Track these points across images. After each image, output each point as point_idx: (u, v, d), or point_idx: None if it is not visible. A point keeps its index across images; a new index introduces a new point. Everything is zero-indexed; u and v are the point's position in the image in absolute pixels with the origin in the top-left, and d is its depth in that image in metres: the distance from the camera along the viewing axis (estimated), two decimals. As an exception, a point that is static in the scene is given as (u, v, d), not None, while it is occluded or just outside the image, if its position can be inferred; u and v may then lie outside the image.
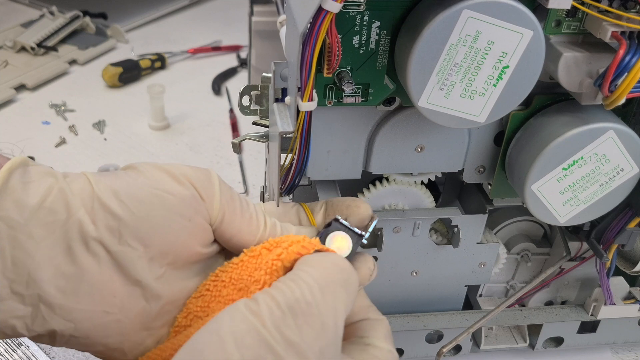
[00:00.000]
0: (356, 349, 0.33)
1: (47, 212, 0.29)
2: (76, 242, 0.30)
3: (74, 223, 0.30)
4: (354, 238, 0.35)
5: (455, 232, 0.46)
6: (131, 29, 1.13)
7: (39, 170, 0.31)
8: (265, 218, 0.35)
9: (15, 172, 0.30)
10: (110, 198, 0.31)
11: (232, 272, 0.34)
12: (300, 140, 0.37)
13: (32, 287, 0.29)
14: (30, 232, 0.29)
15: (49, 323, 0.30)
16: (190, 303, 0.34)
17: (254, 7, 0.77)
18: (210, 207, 0.33)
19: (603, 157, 0.38)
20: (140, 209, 0.31)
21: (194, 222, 0.33)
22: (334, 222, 0.35)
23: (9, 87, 0.90)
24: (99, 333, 0.32)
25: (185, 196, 0.32)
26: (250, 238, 0.35)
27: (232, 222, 0.34)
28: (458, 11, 0.32)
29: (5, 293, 0.29)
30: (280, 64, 0.39)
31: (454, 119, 0.36)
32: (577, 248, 0.48)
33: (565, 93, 0.39)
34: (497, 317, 0.49)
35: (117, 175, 0.32)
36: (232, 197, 0.34)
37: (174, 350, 0.31)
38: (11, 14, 1.13)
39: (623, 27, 0.33)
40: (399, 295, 0.49)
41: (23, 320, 0.30)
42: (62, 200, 0.30)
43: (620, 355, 0.55)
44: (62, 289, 0.30)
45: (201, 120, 0.88)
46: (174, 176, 0.33)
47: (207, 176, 0.34)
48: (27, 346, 0.53)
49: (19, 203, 0.29)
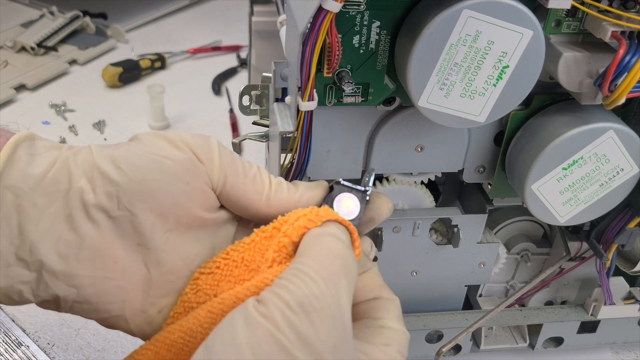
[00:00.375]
0: (372, 333, 0.33)
1: (51, 182, 0.30)
2: (77, 210, 0.31)
3: (75, 192, 0.31)
4: (358, 195, 0.35)
5: (455, 232, 0.46)
6: (131, 29, 1.13)
7: (45, 144, 0.32)
8: (269, 176, 0.35)
9: (22, 145, 0.31)
10: (109, 165, 0.32)
11: (245, 252, 0.33)
12: (300, 140, 0.37)
13: (35, 254, 0.30)
14: (34, 201, 0.30)
15: (52, 289, 0.31)
16: (200, 279, 0.34)
17: (254, 7, 0.77)
18: (210, 171, 0.33)
19: (603, 157, 0.39)
20: (137, 174, 0.32)
21: (192, 186, 0.33)
22: (336, 185, 0.35)
23: (9, 87, 0.90)
24: (101, 299, 0.32)
25: (182, 159, 0.33)
26: (257, 197, 0.34)
27: (236, 183, 0.34)
28: (458, 11, 0.32)
29: (11, 259, 0.30)
30: (280, 64, 0.39)
31: (454, 119, 0.36)
32: (577, 248, 0.48)
33: (565, 93, 0.39)
34: (497, 317, 0.49)
35: (119, 145, 0.33)
36: (234, 160, 0.34)
37: (182, 332, 0.32)
38: (11, 14, 1.13)
39: (623, 27, 0.33)
40: (399, 295, 0.49)
41: (29, 286, 0.31)
42: (65, 170, 0.31)
43: (620, 355, 0.55)
44: (64, 255, 0.31)
45: (201, 120, 0.88)
46: (172, 142, 0.33)
47: (206, 141, 0.34)
48: (27, 346, 0.53)
49: (25, 173, 0.30)
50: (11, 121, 0.84)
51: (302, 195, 0.35)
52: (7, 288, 0.31)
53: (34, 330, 0.54)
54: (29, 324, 0.55)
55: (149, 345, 0.32)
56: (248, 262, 0.33)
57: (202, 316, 0.31)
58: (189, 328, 0.31)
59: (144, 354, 0.32)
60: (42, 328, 0.54)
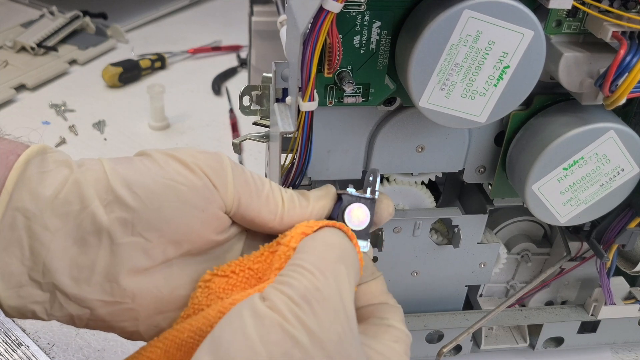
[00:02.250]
0: (379, 331, 0.33)
1: (62, 203, 0.30)
2: (89, 234, 0.30)
3: (88, 214, 0.30)
4: (367, 204, 0.35)
5: (455, 232, 0.46)
6: (131, 29, 1.13)
7: (56, 157, 0.31)
8: (281, 193, 0.35)
9: (33, 162, 0.30)
10: (124, 190, 0.31)
11: (257, 263, 0.34)
12: (301, 141, 0.37)
13: (48, 276, 0.30)
14: (45, 223, 0.30)
15: (66, 309, 0.31)
16: (212, 282, 0.34)
17: (254, 7, 0.77)
18: (224, 195, 0.33)
19: (603, 157, 0.38)
20: (153, 201, 0.31)
21: (207, 213, 0.33)
22: (344, 196, 0.35)
23: (9, 87, 0.90)
24: (114, 318, 0.32)
25: (198, 186, 0.32)
26: (270, 217, 0.34)
27: (250, 205, 0.34)
28: (459, 11, 0.32)
29: (24, 280, 0.30)
30: (280, 64, 0.39)
31: (455, 119, 0.36)
32: (578, 248, 0.48)
33: (566, 93, 0.39)
34: (497, 317, 0.49)
35: (131, 163, 0.32)
36: (247, 180, 0.34)
37: (192, 332, 0.32)
38: (11, 14, 1.13)
39: (624, 27, 0.33)
40: (399, 295, 0.49)
41: (42, 306, 0.31)
42: (76, 191, 0.30)
43: (620, 355, 0.55)
44: (76, 278, 0.31)
45: (201, 120, 0.88)
46: (186, 165, 0.33)
47: (220, 162, 0.34)
48: (27, 346, 0.53)
49: (35, 194, 0.30)
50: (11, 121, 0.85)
51: (313, 209, 0.35)
52: (21, 307, 0.30)
53: (34, 330, 0.54)
54: (29, 324, 0.55)
55: (158, 342, 0.32)
56: (259, 273, 0.34)
57: (212, 316, 0.31)
58: (198, 327, 0.31)
59: (152, 351, 0.32)
60: (42, 328, 0.54)
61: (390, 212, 0.37)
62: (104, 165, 0.32)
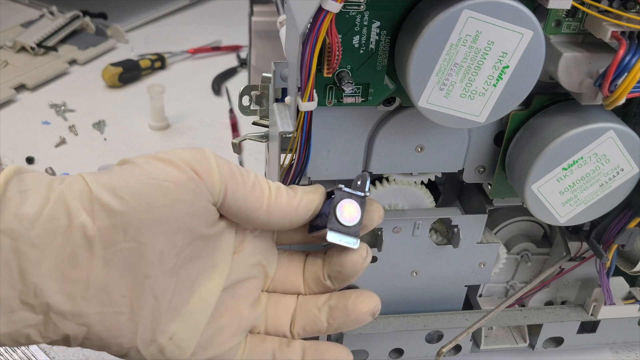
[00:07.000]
0: None
1: (47, 219, 0.29)
2: (80, 247, 0.30)
3: (76, 227, 0.30)
4: (358, 201, 0.36)
5: (455, 232, 0.46)
6: (131, 29, 1.12)
7: (33, 176, 0.31)
8: (268, 183, 0.35)
9: (11, 182, 0.29)
10: (109, 196, 0.30)
11: None
12: (300, 141, 0.37)
13: (40, 297, 0.29)
14: (32, 242, 0.29)
15: (61, 329, 0.30)
16: None
17: (254, 7, 0.77)
18: (210, 185, 0.33)
19: (603, 157, 0.38)
20: (141, 202, 0.31)
21: (196, 206, 0.32)
22: (337, 191, 0.35)
23: (9, 87, 0.90)
24: (112, 334, 0.32)
25: (183, 181, 0.32)
26: (257, 205, 0.34)
27: (236, 192, 0.33)
28: (458, 11, 0.32)
29: (15, 304, 0.29)
30: (280, 64, 0.39)
31: (454, 119, 0.36)
32: (577, 248, 0.48)
33: (565, 93, 0.39)
34: (497, 317, 0.49)
35: (112, 171, 0.32)
36: (231, 169, 0.34)
37: None
38: (11, 14, 1.13)
39: (623, 27, 0.33)
40: (399, 295, 0.49)
41: (36, 328, 0.30)
42: (61, 206, 0.30)
43: (620, 355, 0.55)
44: (70, 295, 0.30)
45: (201, 120, 0.88)
46: (169, 162, 0.32)
47: (202, 153, 0.33)
48: (27, 346, 0.52)
49: (18, 214, 0.29)
50: (11, 121, 0.85)
51: (301, 200, 0.35)
52: (14, 333, 0.30)
53: (34, 331, 0.54)
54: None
55: None
56: None
57: None
58: None
59: None
60: (42, 328, 0.54)
61: (380, 214, 0.38)
62: (84, 178, 0.31)
